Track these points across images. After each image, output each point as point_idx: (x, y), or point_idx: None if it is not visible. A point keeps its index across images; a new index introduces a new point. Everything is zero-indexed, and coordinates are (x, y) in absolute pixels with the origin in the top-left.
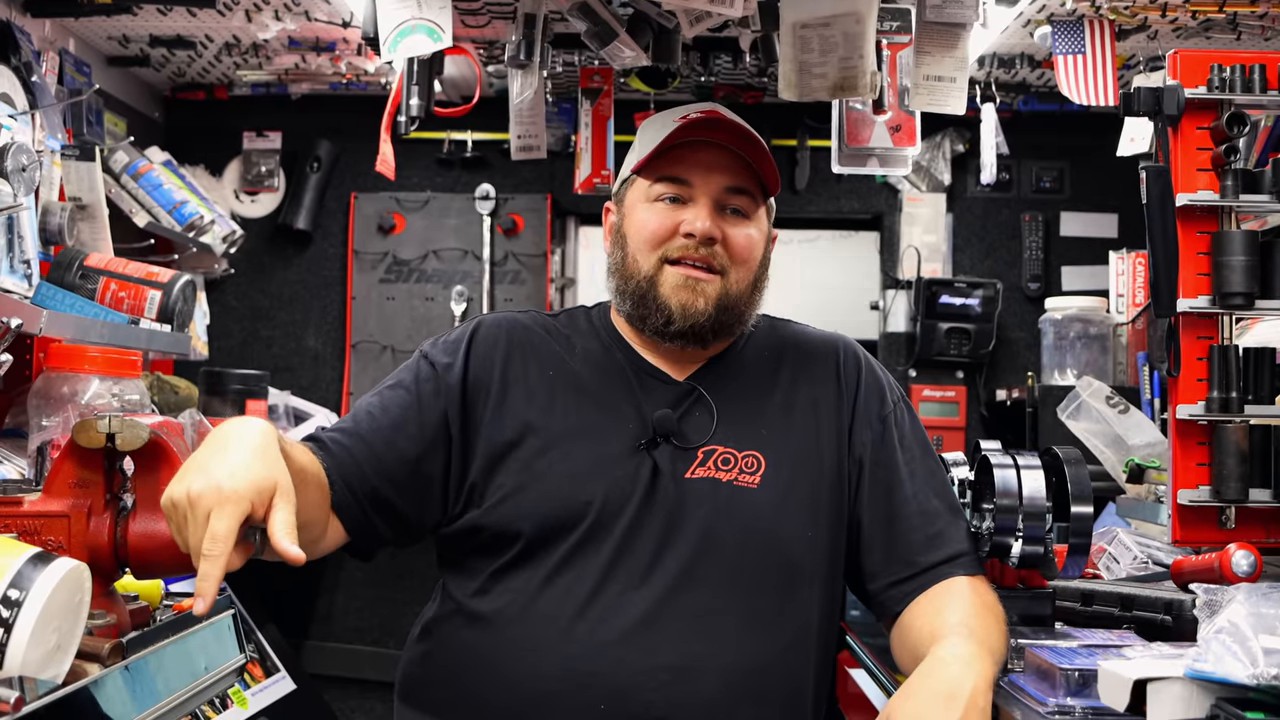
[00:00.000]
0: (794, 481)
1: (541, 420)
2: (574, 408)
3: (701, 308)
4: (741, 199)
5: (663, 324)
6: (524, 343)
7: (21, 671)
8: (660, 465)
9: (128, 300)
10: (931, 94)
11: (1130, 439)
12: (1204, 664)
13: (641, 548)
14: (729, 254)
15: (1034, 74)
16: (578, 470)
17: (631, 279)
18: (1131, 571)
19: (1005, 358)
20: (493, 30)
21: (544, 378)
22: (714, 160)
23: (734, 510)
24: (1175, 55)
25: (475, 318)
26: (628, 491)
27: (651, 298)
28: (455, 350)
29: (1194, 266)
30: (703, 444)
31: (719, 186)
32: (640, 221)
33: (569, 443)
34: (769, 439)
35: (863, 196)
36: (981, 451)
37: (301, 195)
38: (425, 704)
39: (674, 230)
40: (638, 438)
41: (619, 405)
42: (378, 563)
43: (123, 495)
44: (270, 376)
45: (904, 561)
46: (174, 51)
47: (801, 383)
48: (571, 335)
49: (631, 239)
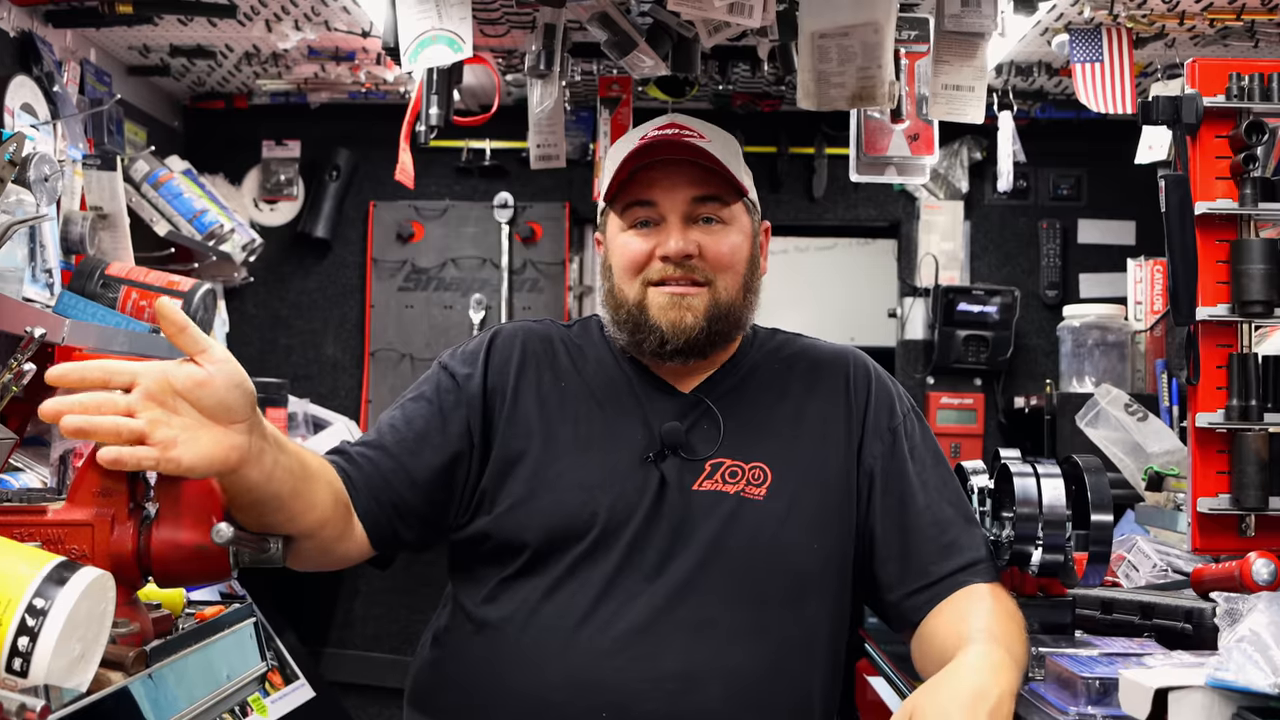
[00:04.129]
0: (800, 493)
1: (551, 430)
2: (584, 418)
3: (691, 323)
4: (711, 206)
5: (658, 345)
6: (538, 352)
7: (47, 680)
8: (668, 477)
9: (149, 309)
10: (950, 103)
11: (1149, 447)
12: (1225, 673)
13: (646, 559)
14: (709, 264)
15: (1051, 82)
16: (586, 481)
17: (621, 308)
18: (1151, 580)
19: (1023, 365)
20: (511, 40)
21: (555, 388)
22: (675, 176)
23: (740, 522)
24: (1194, 64)
25: (492, 327)
26: (634, 503)
27: (643, 322)
28: (474, 360)
29: (1213, 275)
30: (710, 456)
31: (685, 200)
32: (619, 251)
33: (578, 453)
34: (775, 451)
35: (880, 204)
36: (1001, 460)
37: (320, 204)
38: (434, 710)
39: (650, 255)
40: (645, 450)
41: (627, 417)
42: (395, 571)
43: (146, 504)
44: (289, 385)
45: (920, 571)
46: (194, 61)
47: (811, 396)
48: (584, 346)
49: (615, 270)
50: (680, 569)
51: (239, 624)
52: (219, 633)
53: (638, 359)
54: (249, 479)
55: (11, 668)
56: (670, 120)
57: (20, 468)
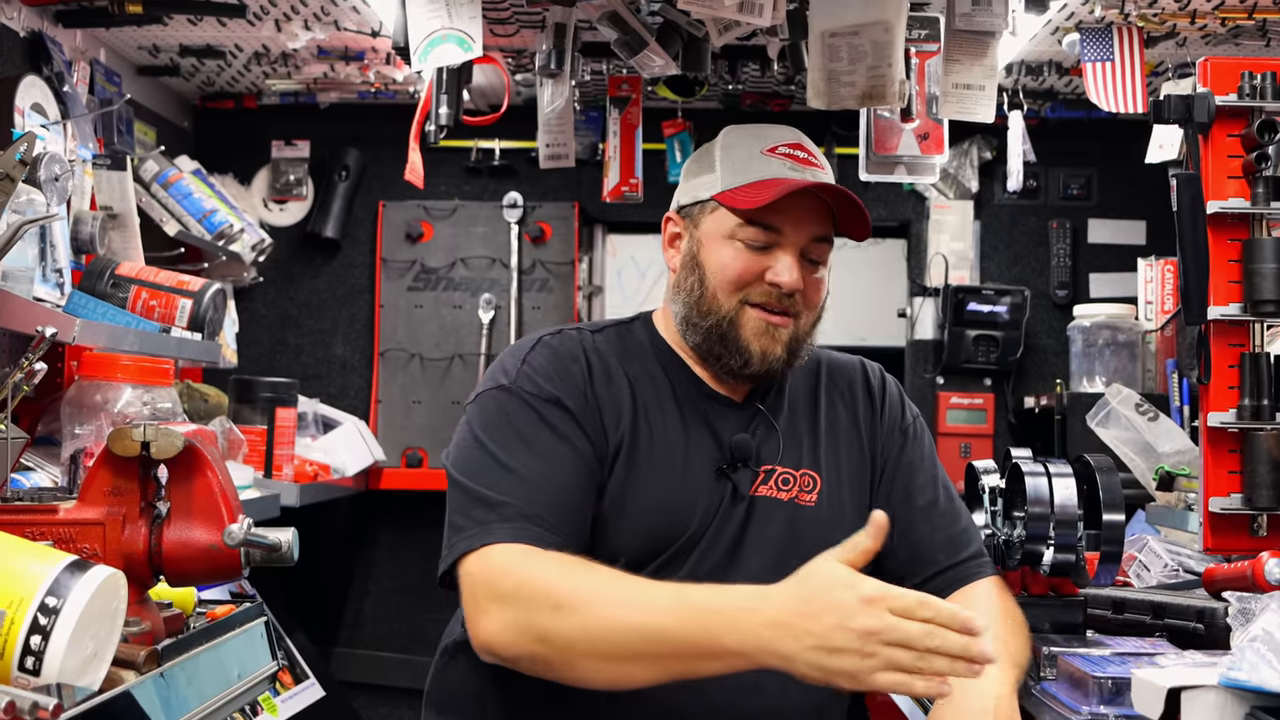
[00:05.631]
0: (845, 498)
1: (629, 443)
2: (658, 428)
3: (779, 354)
4: (823, 247)
5: (740, 366)
6: (598, 365)
7: (59, 678)
8: (739, 487)
9: (159, 309)
10: (961, 102)
11: (1160, 446)
12: (1238, 672)
13: (714, 565)
14: (804, 300)
15: (1062, 81)
16: (671, 498)
17: (709, 316)
18: (1162, 579)
19: (1033, 365)
20: (521, 39)
21: (624, 397)
22: (806, 209)
23: (798, 529)
24: (1205, 62)
25: (540, 338)
26: (710, 514)
27: (732, 339)
28: (566, 380)
29: (1225, 274)
30: (762, 464)
31: (807, 237)
32: (724, 261)
33: (659, 467)
34: (820, 458)
35: (890, 204)
36: (1012, 459)
37: (330, 204)
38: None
39: (759, 276)
40: (716, 462)
41: (696, 428)
42: (405, 571)
43: (157, 503)
44: (299, 384)
45: (928, 561)
46: (203, 61)
47: (838, 402)
48: (629, 354)
49: (711, 275)
50: (744, 575)
51: (250, 623)
52: (230, 632)
53: (688, 366)
54: None
55: (24, 666)
56: (798, 141)
57: (31, 467)
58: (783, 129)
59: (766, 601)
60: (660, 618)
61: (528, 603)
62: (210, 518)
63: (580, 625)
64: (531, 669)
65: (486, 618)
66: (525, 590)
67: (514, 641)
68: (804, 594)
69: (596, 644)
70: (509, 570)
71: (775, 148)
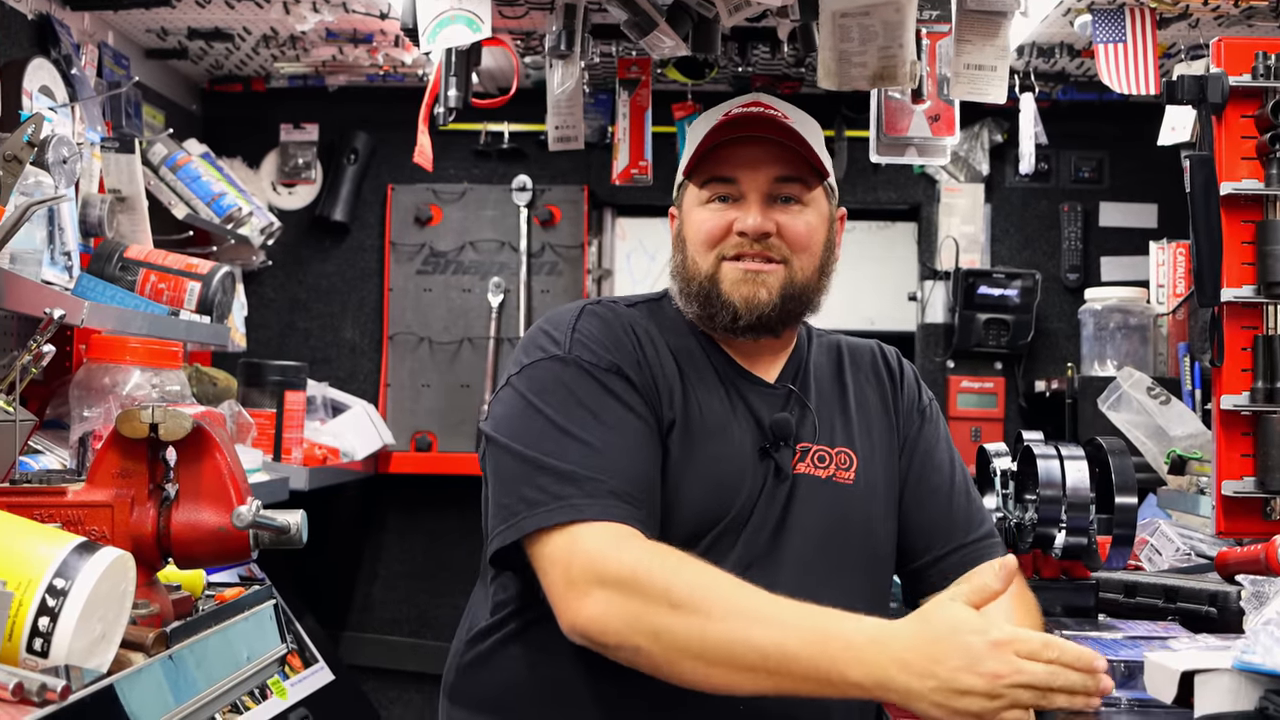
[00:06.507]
0: (878, 476)
1: (683, 418)
2: (705, 403)
3: (765, 298)
4: (793, 186)
5: (730, 320)
6: (645, 337)
7: (68, 660)
8: (781, 465)
9: (167, 292)
10: (972, 83)
11: (1171, 430)
12: (1252, 655)
13: (760, 544)
14: (787, 243)
15: (1073, 63)
16: (721, 477)
17: (693, 280)
18: (1174, 563)
19: (1044, 349)
20: (530, 21)
21: (673, 372)
22: (760, 154)
23: (837, 506)
24: (1219, 43)
25: (583, 307)
26: (755, 494)
27: (715, 295)
28: (621, 350)
29: (1238, 256)
30: (799, 442)
31: (767, 179)
32: (695, 224)
33: (710, 445)
34: (854, 436)
35: (900, 187)
36: (1024, 442)
37: (338, 187)
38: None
39: (727, 229)
40: (757, 441)
41: (736, 408)
42: (414, 555)
43: (166, 485)
44: (308, 368)
45: (945, 537)
46: (212, 44)
47: (862, 382)
48: (668, 330)
49: (689, 242)
50: (789, 553)
51: (259, 606)
52: (239, 615)
53: (720, 345)
54: None
55: (32, 648)
56: (755, 99)
57: (40, 450)
58: (746, 96)
59: (894, 638)
60: (784, 637)
61: (644, 596)
62: (219, 500)
63: (698, 630)
64: (629, 659)
65: (589, 601)
66: (642, 582)
67: (620, 631)
68: (932, 634)
69: (710, 651)
70: (610, 554)
71: (729, 111)
